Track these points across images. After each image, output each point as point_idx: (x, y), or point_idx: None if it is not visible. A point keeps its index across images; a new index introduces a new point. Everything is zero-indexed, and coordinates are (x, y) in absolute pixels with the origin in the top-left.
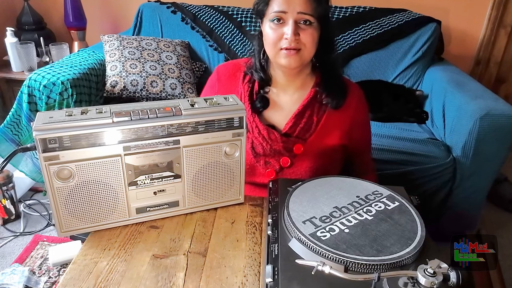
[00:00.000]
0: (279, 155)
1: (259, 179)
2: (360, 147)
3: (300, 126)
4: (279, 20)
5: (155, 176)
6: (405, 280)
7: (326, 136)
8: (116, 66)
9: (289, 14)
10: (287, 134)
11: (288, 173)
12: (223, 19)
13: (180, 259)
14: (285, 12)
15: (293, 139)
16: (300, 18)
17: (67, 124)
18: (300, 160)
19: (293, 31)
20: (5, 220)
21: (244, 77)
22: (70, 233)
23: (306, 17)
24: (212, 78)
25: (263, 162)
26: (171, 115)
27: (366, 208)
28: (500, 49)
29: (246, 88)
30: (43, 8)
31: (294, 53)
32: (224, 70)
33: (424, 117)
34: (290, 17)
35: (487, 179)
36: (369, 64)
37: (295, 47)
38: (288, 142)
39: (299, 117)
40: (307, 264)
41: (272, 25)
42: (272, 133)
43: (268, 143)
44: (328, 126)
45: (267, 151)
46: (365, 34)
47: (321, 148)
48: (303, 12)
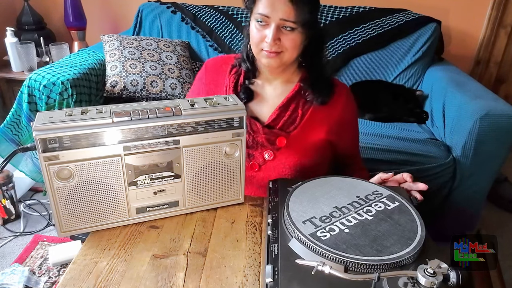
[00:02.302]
0: (262, 147)
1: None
2: (350, 147)
3: (283, 118)
4: (262, 22)
5: (155, 176)
6: (405, 280)
7: (311, 130)
8: (116, 66)
9: (271, 19)
10: (270, 126)
11: (271, 166)
12: (223, 19)
13: (180, 259)
14: (268, 17)
15: (276, 131)
16: (282, 24)
17: (67, 124)
18: (283, 154)
19: (273, 37)
20: (5, 220)
21: (231, 70)
22: (70, 233)
23: (288, 23)
24: (201, 71)
25: (247, 154)
26: (171, 115)
27: (366, 208)
28: (500, 49)
29: (232, 80)
30: (43, 8)
31: (275, 56)
32: (212, 62)
33: (424, 117)
34: (272, 22)
35: (487, 179)
36: (369, 64)
37: (275, 51)
38: (271, 134)
39: (283, 110)
40: (307, 264)
41: (257, 25)
42: (255, 124)
43: (250, 134)
44: (313, 120)
45: (250, 143)
46: (365, 34)
47: (305, 143)
48: (285, 19)
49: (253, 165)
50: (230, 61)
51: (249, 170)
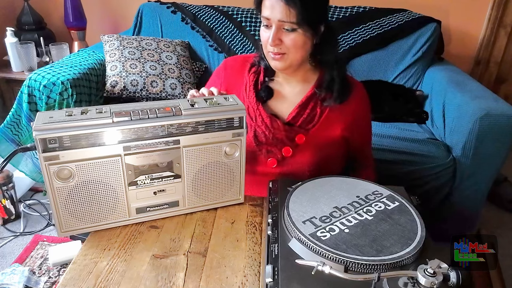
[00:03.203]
0: (281, 144)
1: (260, 168)
2: (362, 141)
3: (303, 116)
4: (266, 24)
5: (155, 176)
6: (405, 280)
7: (328, 128)
8: (116, 66)
9: (272, 20)
10: (289, 123)
11: (290, 163)
12: (223, 19)
13: (180, 259)
14: (269, 19)
15: (296, 129)
16: (282, 25)
17: (67, 124)
18: (301, 151)
19: (272, 39)
20: (5, 220)
21: (250, 68)
22: (70, 233)
23: (287, 24)
24: (220, 69)
25: (265, 150)
26: (171, 115)
27: (366, 208)
28: (500, 49)
29: (252, 78)
30: (43, 8)
31: (279, 57)
32: (232, 61)
33: (424, 117)
34: (273, 23)
35: (487, 179)
36: (369, 64)
37: (278, 52)
38: (291, 131)
39: (303, 108)
40: (307, 264)
41: (263, 27)
42: (275, 121)
43: (270, 131)
44: (331, 118)
45: (269, 140)
46: (365, 34)
47: (323, 139)
48: (283, 20)
49: (271, 161)
50: (249, 60)
51: (267, 166)
